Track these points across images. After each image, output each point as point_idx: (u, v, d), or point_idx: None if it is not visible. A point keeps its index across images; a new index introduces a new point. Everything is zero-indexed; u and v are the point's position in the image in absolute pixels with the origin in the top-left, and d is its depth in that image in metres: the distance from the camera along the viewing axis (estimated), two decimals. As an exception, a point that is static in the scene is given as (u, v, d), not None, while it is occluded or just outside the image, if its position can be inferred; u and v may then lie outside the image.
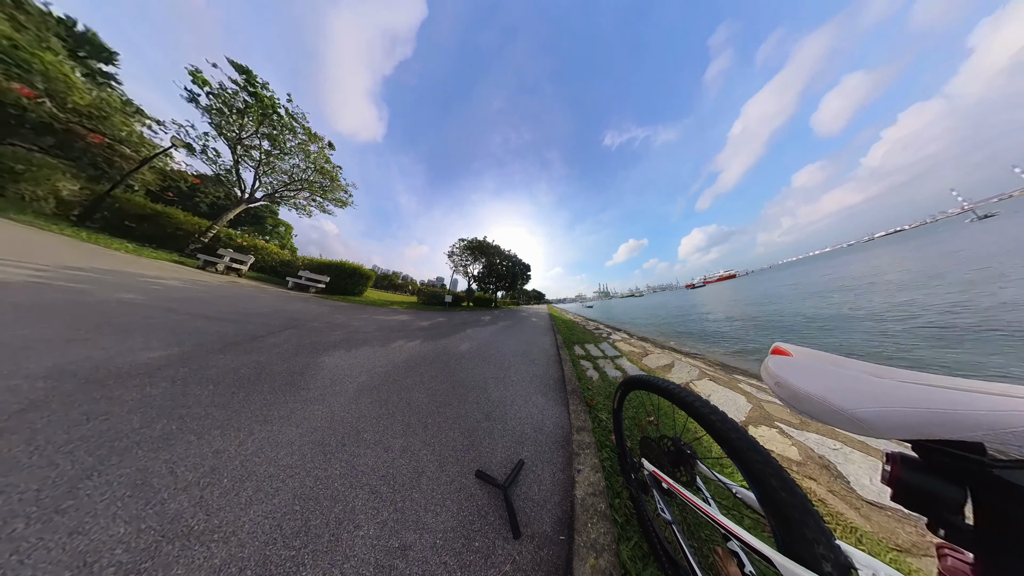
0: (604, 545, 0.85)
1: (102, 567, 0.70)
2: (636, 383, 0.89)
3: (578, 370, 2.75)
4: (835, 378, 0.38)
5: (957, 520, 0.31)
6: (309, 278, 8.44)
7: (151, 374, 1.61)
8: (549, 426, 1.62)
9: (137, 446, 1.07)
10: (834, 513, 1.00)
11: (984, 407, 0.27)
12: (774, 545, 0.44)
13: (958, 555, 0.33)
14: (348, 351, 2.68)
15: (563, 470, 1.24)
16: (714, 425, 0.57)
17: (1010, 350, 3.61)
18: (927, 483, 0.33)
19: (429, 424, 1.52)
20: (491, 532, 0.91)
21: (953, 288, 9.06)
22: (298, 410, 1.49)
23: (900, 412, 0.31)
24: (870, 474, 1.18)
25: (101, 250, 5.74)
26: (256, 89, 10.09)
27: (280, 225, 26.39)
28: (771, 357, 0.46)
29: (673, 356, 3.44)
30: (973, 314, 5.52)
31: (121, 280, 3.81)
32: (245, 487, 0.97)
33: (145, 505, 0.86)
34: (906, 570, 0.83)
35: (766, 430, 1.54)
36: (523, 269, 20.35)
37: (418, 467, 1.17)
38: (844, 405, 0.35)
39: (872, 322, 5.89)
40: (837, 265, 40.17)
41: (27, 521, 0.77)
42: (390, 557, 0.80)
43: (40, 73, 9.46)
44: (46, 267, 3.61)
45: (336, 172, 12.20)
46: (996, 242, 29.41)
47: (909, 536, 0.94)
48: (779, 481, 0.45)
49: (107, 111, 10.59)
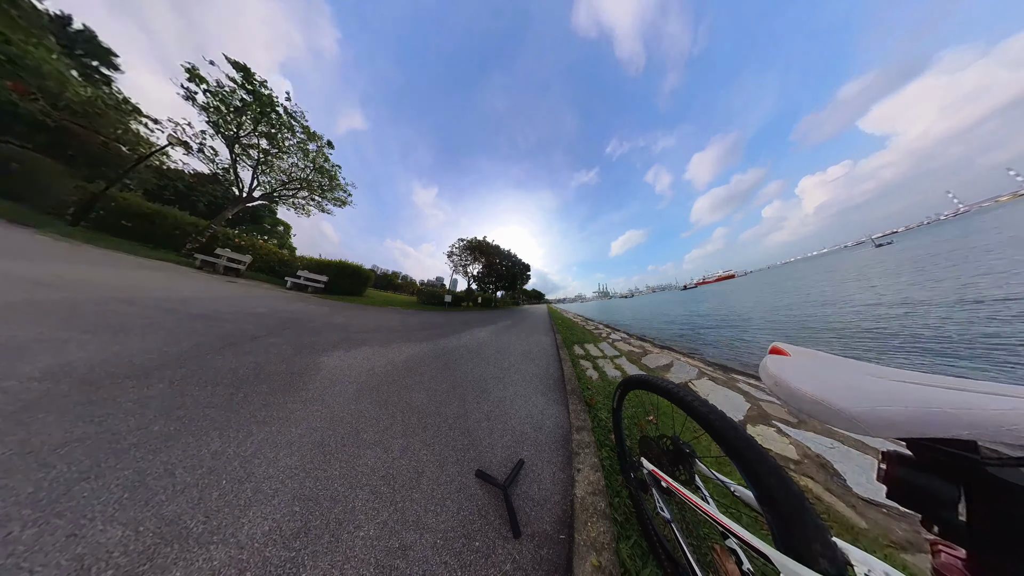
0: (604, 544, 0.86)
1: (100, 570, 0.70)
2: (635, 382, 0.89)
3: (578, 370, 2.75)
4: (832, 377, 0.39)
5: (951, 517, 0.32)
6: (308, 278, 8.40)
7: (148, 375, 1.59)
8: (549, 425, 1.62)
9: (134, 448, 1.07)
10: (831, 511, 1.01)
11: (977, 406, 0.28)
12: (772, 543, 0.44)
13: (952, 551, 0.34)
14: (347, 351, 2.68)
15: (563, 469, 1.24)
16: (713, 424, 0.58)
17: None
18: (922, 481, 0.33)
19: (429, 424, 1.52)
20: (491, 531, 0.91)
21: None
22: (297, 411, 1.48)
23: (895, 411, 0.32)
24: (866, 472, 1.20)
25: (98, 249, 5.69)
26: (254, 87, 10.02)
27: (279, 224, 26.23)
28: (769, 357, 0.46)
29: (672, 356, 3.46)
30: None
31: (117, 280, 3.78)
32: (244, 488, 0.96)
33: (143, 507, 0.85)
34: (901, 566, 0.84)
35: (764, 429, 1.56)
36: (523, 269, 20.36)
37: (418, 467, 1.17)
38: (841, 404, 0.35)
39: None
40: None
41: (23, 524, 0.77)
42: (390, 557, 0.80)
43: (33, 69, 9.35)
44: (41, 266, 3.57)
45: (335, 171, 12.15)
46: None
47: (904, 533, 0.95)
48: (777, 479, 0.46)
49: (102, 109, 10.48)
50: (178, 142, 10.25)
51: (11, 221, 5.89)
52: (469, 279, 18.25)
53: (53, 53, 11.54)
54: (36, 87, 9.28)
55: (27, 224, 5.95)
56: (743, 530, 0.51)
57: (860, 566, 0.39)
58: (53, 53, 11.54)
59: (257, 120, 10.26)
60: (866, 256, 34.62)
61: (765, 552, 0.44)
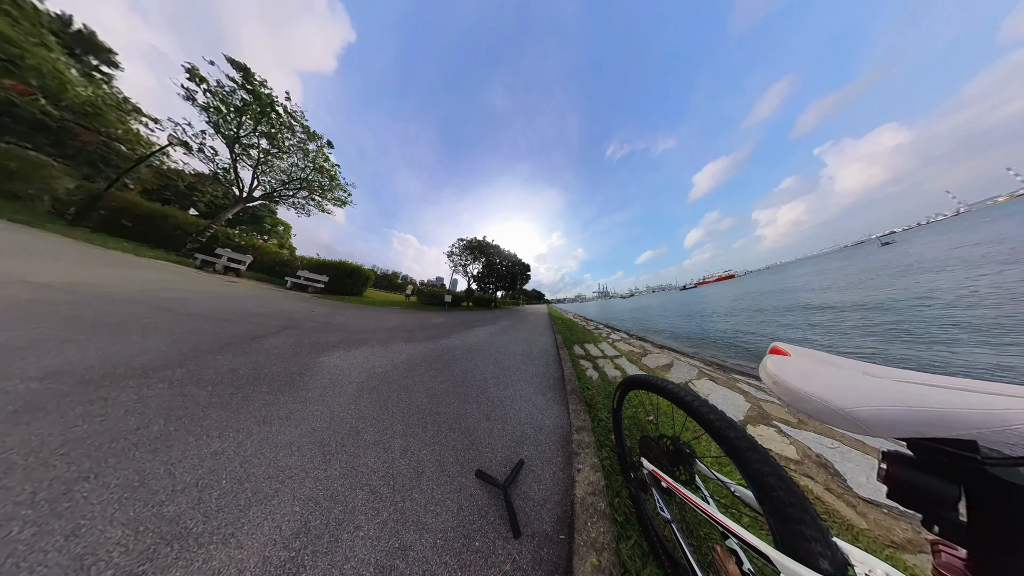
0: (604, 544, 0.86)
1: (100, 570, 0.70)
2: (635, 383, 0.89)
3: (577, 370, 2.75)
4: (832, 377, 0.39)
5: (951, 517, 0.32)
6: (308, 278, 8.40)
7: (148, 375, 1.59)
8: (549, 425, 1.62)
9: (134, 447, 1.07)
10: (831, 511, 1.01)
11: (978, 406, 0.28)
12: (772, 543, 0.44)
13: (952, 551, 0.34)
14: (347, 351, 2.67)
15: (563, 469, 1.24)
16: (713, 424, 0.58)
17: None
18: (922, 481, 0.33)
19: (429, 424, 1.52)
20: (491, 532, 0.91)
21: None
22: (297, 411, 1.48)
23: (896, 411, 0.32)
24: (866, 472, 1.20)
25: (97, 249, 5.69)
26: (254, 87, 10.03)
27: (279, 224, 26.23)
28: (769, 357, 0.46)
29: (672, 356, 3.46)
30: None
31: (117, 280, 3.78)
32: (244, 488, 0.96)
33: (143, 507, 0.85)
34: (901, 566, 0.84)
35: (764, 429, 1.55)
36: (523, 269, 20.36)
37: (418, 467, 1.17)
38: (841, 404, 0.35)
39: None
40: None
41: (23, 524, 0.77)
42: (390, 557, 0.80)
43: (34, 69, 9.35)
44: (41, 266, 3.57)
45: (335, 171, 12.16)
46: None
47: (904, 533, 0.95)
48: (777, 479, 0.46)
49: (103, 108, 10.49)
50: (178, 142, 10.26)
51: (11, 220, 5.89)
52: (469, 279, 18.26)
53: (54, 52, 11.54)
54: (37, 87, 9.29)
55: (27, 224, 5.95)
56: (743, 530, 0.51)
57: (860, 566, 0.39)
58: (54, 52, 11.54)
59: (257, 120, 10.27)
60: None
61: (765, 552, 0.44)
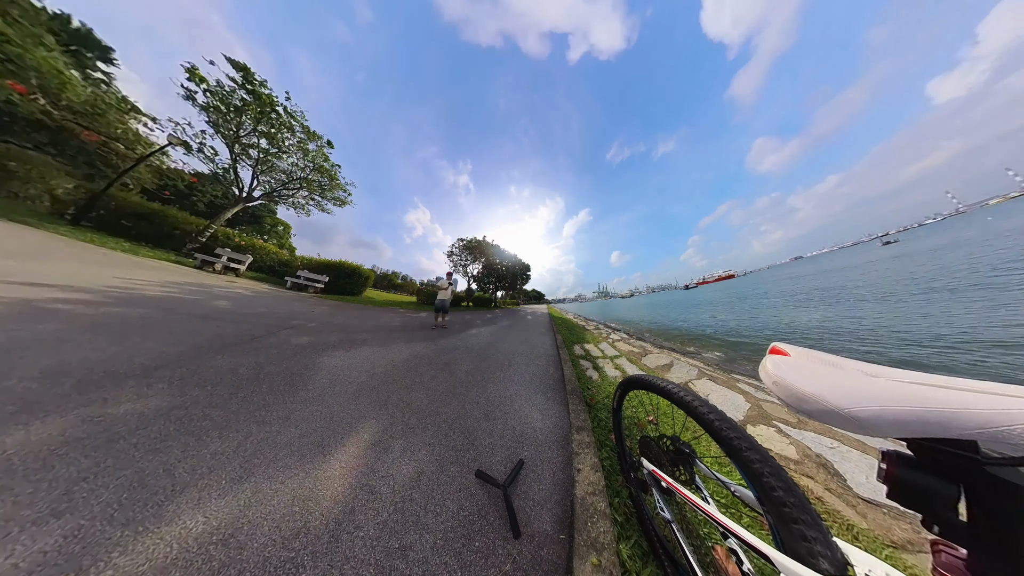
0: (604, 544, 0.86)
1: (99, 570, 0.70)
2: (635, 383, 0.89)
3: (578, 370, 2.75)
4: (832, 377, 0.39)
5: (951, 517, 0.32)
6: (308, 278, 8.40)
7: (147, 375, 1.59)
8: (549, 425, 1.62)
9: (134, 448, 1.07)
10: (831, 511, 1.01)
11: (978, 406, 0.28)
12: (772, 543, 0.44)
13: (952, 551, 0.34)
14: (347, 351, 2.67)
15: (563, 469, 1.24)
16: (713, 424, 0.58)
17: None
18: (922, 481, 0.33)
19: (429, 424, 1.52)
20: (491, 532, 0.91)
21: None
22: (297, 411, 1.48)
23: (896, 411, 0.32)
24: (866, 472, 1.20)
25: (96, 249, 5.68)
26: (254, 87, 10.02)
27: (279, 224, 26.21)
28: (769, 357, 0.46)
29: (672, 356, 3.46)
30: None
31: (116, 280, 3.77)
32: (243, 488, 0.96)
33: (142, 507, 0.85)
34: (901, 566, 0.84)
35: (764, 429, 1.55)
36: (523, 269, 20.35)
37: (418, 467, 1.17)
38: (841, 404, 0.35)
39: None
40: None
41: (21, 525, 0.77)
42: (390, 558, 0.80)
43: (33, 69, 9.34)
44: (39, 266, 3.56)
45: (335, 171, 12.14)
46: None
47: (904, 533, 0.95)
48: (777, 479, 0.46)
49: (102, 108, 10.47)
50: (178, 142, 10.24)
51: (10, 220, 5.88)
52: (469, 279, 18.26)
53: (53, 51, 11.52)
54: (36, 86, 9.27)
55: (26, 223, 5.94)
56: (743, 530, 0.51)
57: (860, 566, 0.39)
58: (53, 51, 11.52)
59: (257, 120, 10.26)
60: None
61: (765, 552, 0.44)
